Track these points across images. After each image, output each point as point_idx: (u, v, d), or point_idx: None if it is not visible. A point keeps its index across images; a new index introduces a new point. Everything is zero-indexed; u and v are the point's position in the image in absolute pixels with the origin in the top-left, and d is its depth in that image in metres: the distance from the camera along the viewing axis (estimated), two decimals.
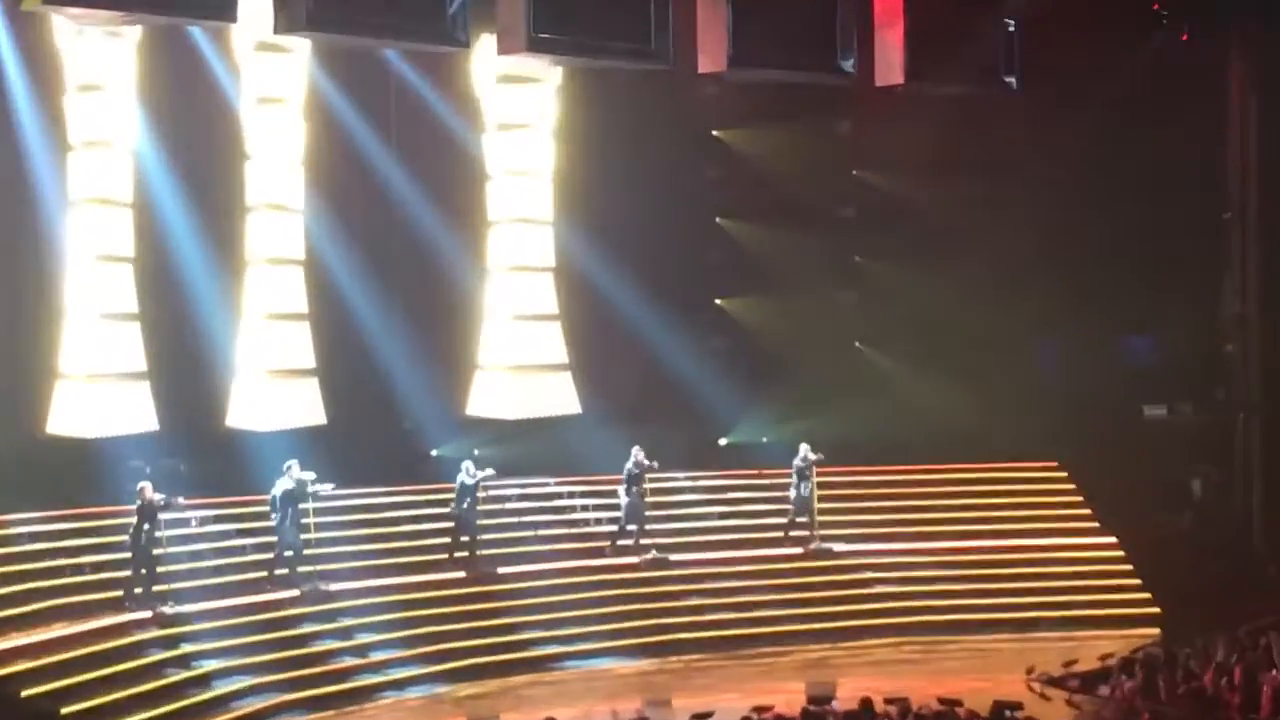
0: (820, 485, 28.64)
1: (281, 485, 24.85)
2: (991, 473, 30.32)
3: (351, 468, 26.64)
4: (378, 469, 27.86)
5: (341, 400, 27.67)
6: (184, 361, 26.66)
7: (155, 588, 23.64)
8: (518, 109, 28.88)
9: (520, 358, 29.21)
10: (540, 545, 27.73)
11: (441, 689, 24.22)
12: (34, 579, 23.38)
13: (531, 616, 25.98)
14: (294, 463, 24.96)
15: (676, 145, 31.18)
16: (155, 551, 23.69)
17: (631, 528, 27.67)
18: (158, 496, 23.65)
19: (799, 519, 28.54)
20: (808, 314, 31.41)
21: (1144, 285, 30.72)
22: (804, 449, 28.41)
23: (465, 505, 26.52)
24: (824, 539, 28.66)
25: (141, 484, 23.85)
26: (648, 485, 27.86)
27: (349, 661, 24.36)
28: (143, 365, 25.87)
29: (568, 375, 29.55)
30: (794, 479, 28.42)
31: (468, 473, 26.51)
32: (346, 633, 24.89)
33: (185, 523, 25.19)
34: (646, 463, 27.56)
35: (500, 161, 29.07)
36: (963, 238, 30.52)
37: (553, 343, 29.52)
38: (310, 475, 24.93)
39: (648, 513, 27.83)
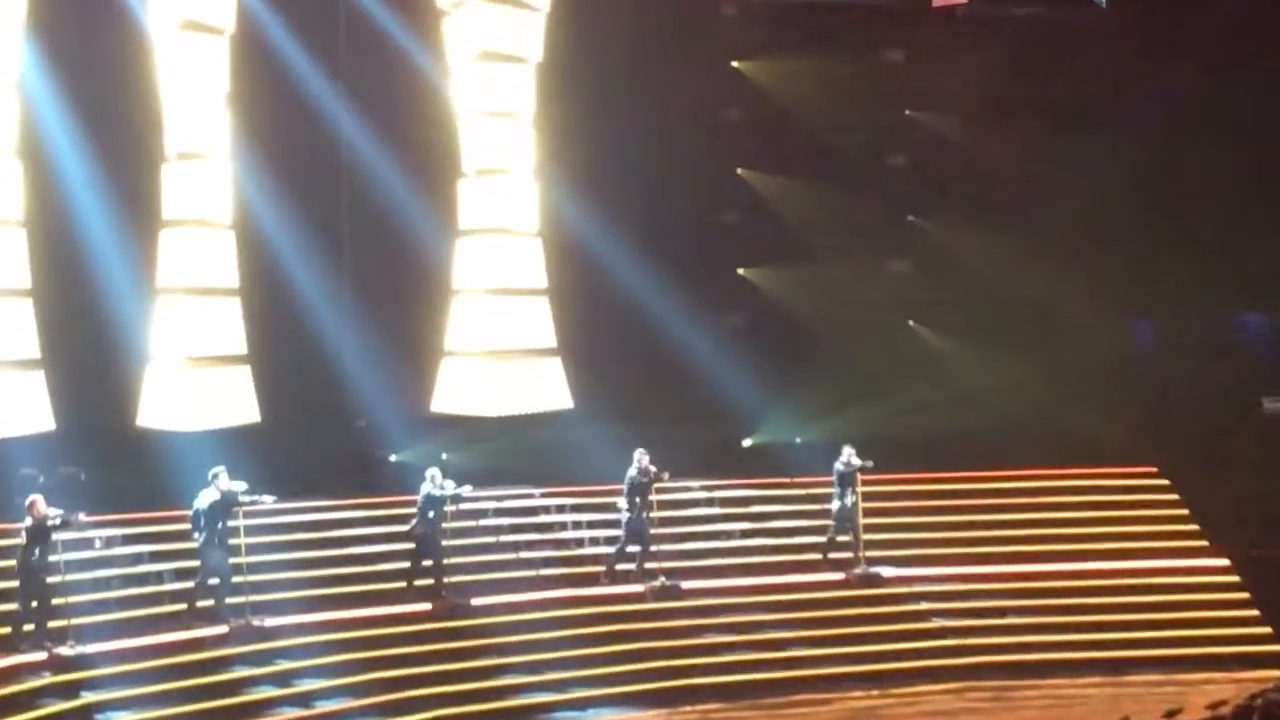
0: (866, 496, 28.48)
1: (206, 498, 24.60)
2: (1075, 479, 30.20)
3: (291, 476, 26.51)
4: (323, 478, 27.77)
5: (279, 394, 27.60)
6: (85, 347, 26.57)
7: (50, 624, 23.35)
8: (496, 36, 28.85)
9: (498, 341, 29.24)
10: (523, 571, 27.61)
11: None
12: None
13: (513, 658, 25.73)
14: (221, 470, 24.66)
15: (688, 80, 30.99)
16: (50, 580, 23.44)
17: (634, 549, 27.49)
18: (52, 512, 23.31)
19: (841, 537, 28.39)
20: (850, 285, 31.47)
21: (1262, 249, 30.48)
22: (847, 452, 28.16)
23: (429, 522, 26.26)
24: (870, 561, 28.48)
25: (32, 497, 23.46)
26: (654, 497, 27.58)
27: (289, 713, 24.07)
28: (35, 351, 25.81)
29: (556, 362, 29.59)
30: (835, 488, 28.22)
31: (434, 483, 26.26)
32: (285, 678, 24.62)
33: (88, 544, 25.01)
34: (653, 470, 27.27)
35: (474, 101, 29.04)
36: (1039, 192, 30.50)
37: (538, 323, 29.53)
38: (241, 486, 24.68)
39: (654, 531, 27.62)
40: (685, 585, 27.65)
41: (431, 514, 26.25)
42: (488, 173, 29.29)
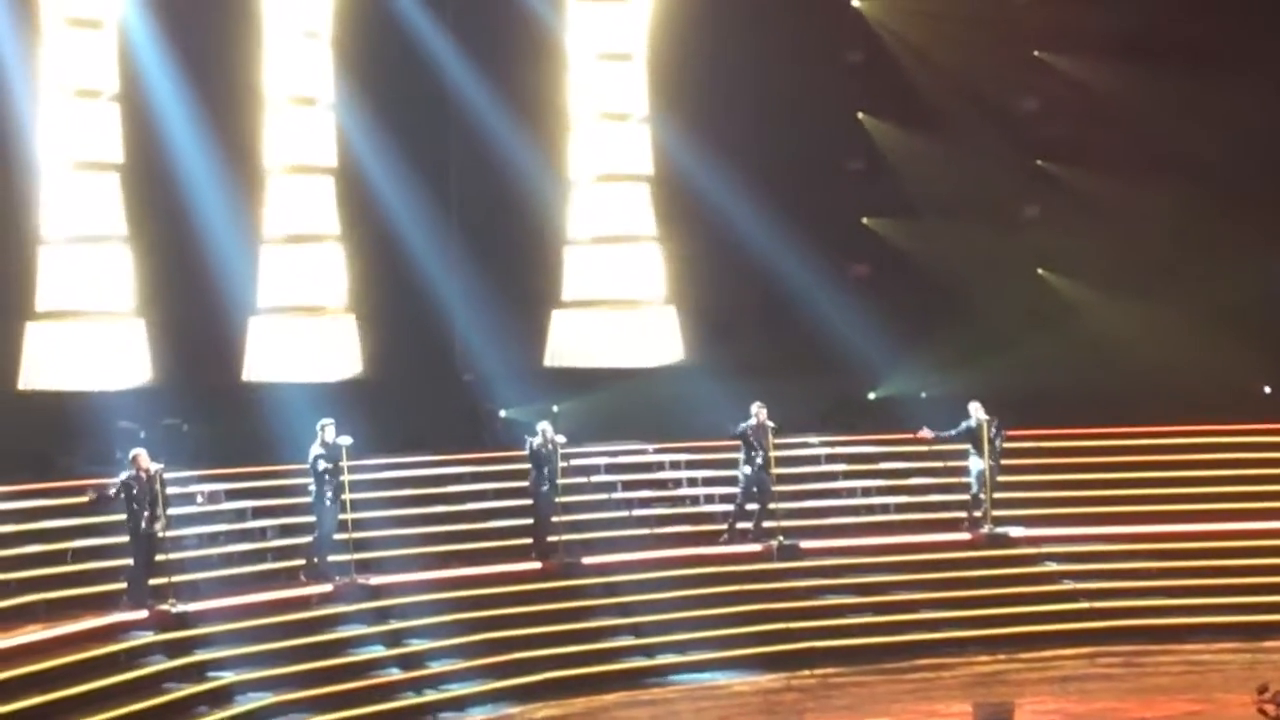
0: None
1: (314, 450, 24.66)
2: (1214, 436, 29.94)
3: (396, 431, 26.68)
4: (429, 433, 27.86)
5: (385, 346, 27.87)
6: (186, 297, 26.81)
7: (152, 581, 23.45)
8: None
9: (610, 291, 29.36)
10: (636, 529, 27.70)
11: (512, 709, 24.07)
12: (2, 569, 23.38)
13: (625, 618, 25.89)
14: (329, 422, 24.70)
15: (806, 20, 30.92)
16: (160, 535, 23.48)
17: (752, 507, 27.49)
18: (153, 467, 23.40)
19: (984, 495, 27.97)
20: (977, 234, 31.21)
21: None
22: (974, 408, 27.87)
23: (542, 478, 26.18)
24: (998, 521, 28.22)
25: (135, 451, 23.62)
26: (773, 454, 27.50)
27: (397, 674, 24.26)
28: (134, 301, 26.13)
29: (670, 313, 29.65)
30: (970, 447, 27.85)
31: (544, 437, 26.19)
32: (394, 638, 24.79)
33: (189, 499, 25.17)
34: (770, 425, 27.23)
35: (585, 42, 29.14)
36: (1176, 137, 30.17)
37: (651, 272, 29.57)
38: (347, 440, 24.74)
39: (774, 488, 27.55)
40: (805, 545, 27.54)
41: (546, 470, 26.24)
42: (601, 118, 29.28)
